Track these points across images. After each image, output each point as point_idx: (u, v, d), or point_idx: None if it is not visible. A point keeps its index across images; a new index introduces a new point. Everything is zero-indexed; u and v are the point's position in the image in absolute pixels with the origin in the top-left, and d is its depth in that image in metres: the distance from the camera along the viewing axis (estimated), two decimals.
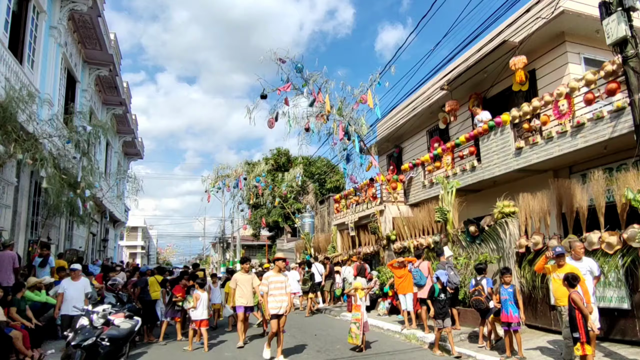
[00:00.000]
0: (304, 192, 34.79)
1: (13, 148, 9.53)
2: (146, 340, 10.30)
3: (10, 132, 9.58)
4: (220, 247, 62.26)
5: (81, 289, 8.78)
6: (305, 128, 12.83)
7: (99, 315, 6.36)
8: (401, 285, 10.54)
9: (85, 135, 11.61)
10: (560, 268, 6.66)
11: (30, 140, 10.26)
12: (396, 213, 15.95)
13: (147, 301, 10.42)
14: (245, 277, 10.20)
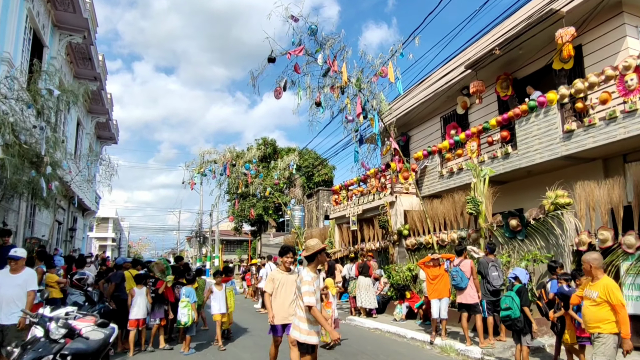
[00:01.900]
0: (290, 184, 33.05)
1: None
2: (120, 349, 8.52)
3: None
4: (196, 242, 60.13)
5: (22, 285, 6.28)
6: (315, 102, 11.08)
7: (59, 323, 4.57)
8: (435, 288, 8.95)
9: (51, 100, 9.65)
10: None
11: None
12: (409, 205, 14.42)
13: (123, 300, 8.57)
14: (288, 278, 6.09)
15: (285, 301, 5.96)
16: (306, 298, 4.79)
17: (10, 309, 6.11)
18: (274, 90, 10.61)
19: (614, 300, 4.65)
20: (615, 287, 4.74)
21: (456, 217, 11.94)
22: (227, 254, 56.45)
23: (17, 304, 6.13)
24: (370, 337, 10.12)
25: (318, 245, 5.05)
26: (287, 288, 5.97)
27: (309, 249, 5.09)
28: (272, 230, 37.10)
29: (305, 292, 4.82)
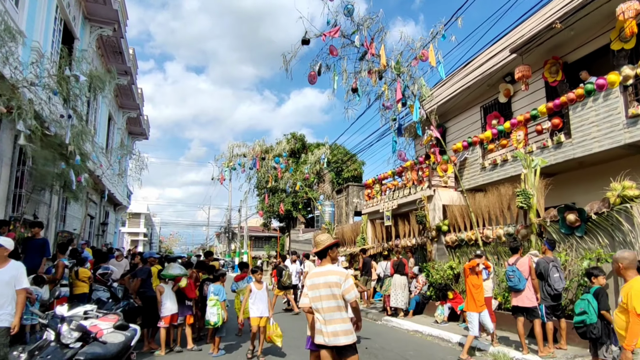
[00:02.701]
0: (320, 180, 32.29)
1: None
2: (146, 348, 7.92)
3: None
4: (225, 237, 60.11)
5: (9, 282, 5.02)
6: (352, 88, 10.28)
7: (72, 325, 3.92)
8: (478, 298, 7.58)
9: (77, 87, 9.14)
10: None
11: (5, 84, 7.82)
12: (448, 199, 13.49)
13: (149, 297, 7.97)
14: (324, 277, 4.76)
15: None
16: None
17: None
18: (308, 74, 9.86)
19: (629, 305, 3.78)
20: (638, 291, 3.82)
21: (502, 212, 10.95)
22: (256, 250, 56.26)
23: (4, 305, 4.90)
24: (411, 341, 9.30)
25: (329, 239, 4.56)
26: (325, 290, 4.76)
27: (319, 244, 4.58)
28: (301, 226, 36.45)
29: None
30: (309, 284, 4.49)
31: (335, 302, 4.27)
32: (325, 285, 4.34)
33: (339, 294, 4.27)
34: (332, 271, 4.40)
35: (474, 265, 7.68)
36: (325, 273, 4.39)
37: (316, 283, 4.42)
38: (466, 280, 7.75)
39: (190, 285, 8.16)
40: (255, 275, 8.00)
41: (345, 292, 4.25)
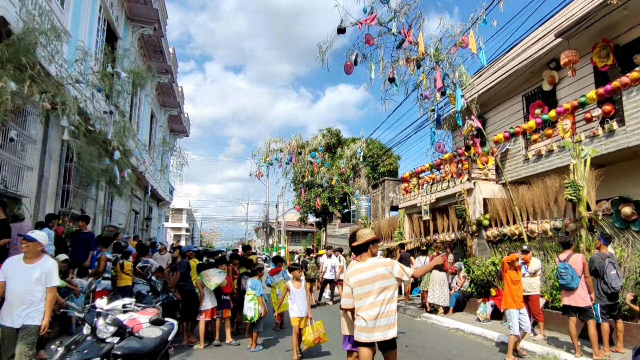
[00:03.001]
0: (355, 175, 31.83)
1: (27, 87, 7.07)
2: (185, 342, 7.79)
3: (24, 67, 7.15)
4: (263, 232, 60.57)
5: (39, 279, 4.76)
6: (389, 78, 9.85)
7: (107, 320, 3.75)
8: (518, 294, 7.02)
9: (119, 83, 9.12)
10: None
11: (50, 81, 7.85)
12: (489, 193, 12.88)
13: (188, 291, 7.85)
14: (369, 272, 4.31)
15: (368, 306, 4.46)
16: None
17: (24, 307, 4.70)
18: (344, 64, 9.51)
19: None
20: None
21: (548, 205, 10.30)
22: (293, 244, 56.42)
23: (34, 302, 4.73)
24: (452, 339, 8.84)
25: (370, 234, 4.39)
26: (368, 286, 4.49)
27: (361, 237, 4.39)
28: (337, 221, 36.15)
29: None
30: (353, 281, 4.21)
31: (383, 295, 4.08)
32: (372, 279, 4.13)
33: (389, 284, 4.10)
34: (376, 264, 4.21)
35: (513, 260, 7.15)
36: (369, 268, 4.20)
37: (361, 279, 4.18)
38: (504, 276, 7.23)
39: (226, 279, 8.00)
40: (294, 273, 7.38)
41: (400, 275, 4.15)
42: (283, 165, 18.49)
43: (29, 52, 7.39)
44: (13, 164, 9.20)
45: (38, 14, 8.16)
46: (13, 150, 9.22)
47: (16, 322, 4.65)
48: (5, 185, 8.76)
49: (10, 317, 4.67)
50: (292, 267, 7.62)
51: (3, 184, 8.70)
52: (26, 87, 7.11)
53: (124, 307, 4.55)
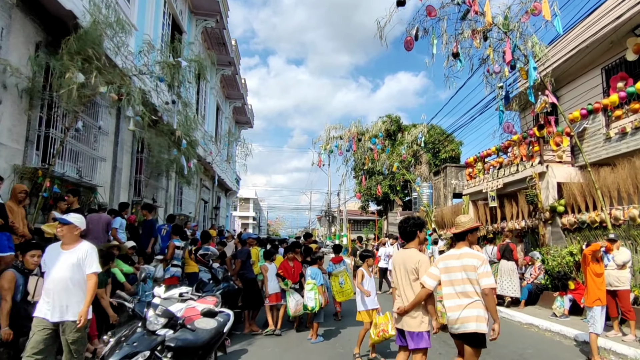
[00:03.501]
0: (416, 162, 30.71)
1: (94, 78, 7.09)
2: (247, 330, 7.55)
3: (91, 59, 7.16)
4: (326, 221, 60.64)
5: (77, 265, 4.23)
6: (452, 53, 9.01)
7: (157, 310, 3.47)
8: (602, 289, 6.17)
9: (180, 71, 9.01)
10: None
11: (116, 72, 7.85)
12: (564, 176, 11.70)
13: (249, 279, 7.61)
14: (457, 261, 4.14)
15: None
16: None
17: (62, 298, 4.12)
18: (404, 40, 8.79)
19: None
20: None
21: (637, 189, 9.11)
22: (354, 232, 55.95)
23: (73, 292, 4.16)
24: (526, 336, 7.98)
25: (470, 222, 4.12)
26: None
27: (460, 225, 4.12)
28: (399, 209, 35.21)
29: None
30: (442, 266, 4.05)
31: (471, 287, 3.87)
32: (461, 268, 3.93)
33: (474, 278, 3.85)
34: (468, 254, 3.98)
35: (596, 250, 6.23)
36: (461, 256, 3.99)
37: (450, 266, 4.02)
38: (586, 269, 6.31)
39: (287, 268, 7.65)
40: (368, 262, 6.52)
41: (481, 277, 3.82)
42: (343, 153, 18.00)
43: (96, 45, 7.40)
44: (87, 155, 9.42)
45: (104, 7, 8.18)
46: (87, 142, 9.44)
47: (53, 315, 4.08)
48: (80, 175, 8.97)
49: (45, 308, 4.10)
50: (364, 254, 6.79)
51: (78, 174, 8.90)
52: (93, 78, 7.11)
53: (181, 295, 4.30)
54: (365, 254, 6.74)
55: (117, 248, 7.07)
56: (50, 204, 7.98)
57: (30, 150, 7.58)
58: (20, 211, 6.57)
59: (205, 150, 18.08)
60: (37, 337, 3.98)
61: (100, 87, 7.37)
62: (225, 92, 23.76)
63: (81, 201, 8.90)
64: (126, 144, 11.91)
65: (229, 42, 18.48)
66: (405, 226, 4.31)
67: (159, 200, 14.26)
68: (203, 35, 17.21)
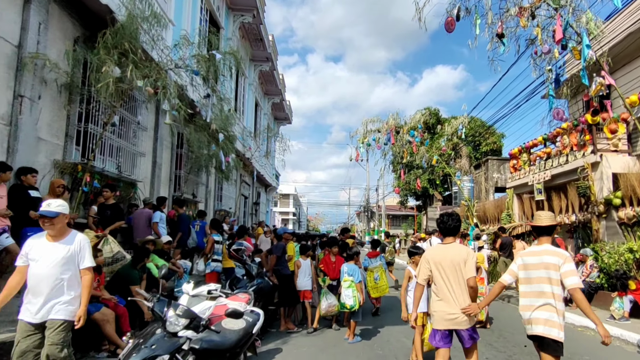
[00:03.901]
0: (456, 155, 29.55)
1: (130, 72, 6.94)
2: (283, 327, 7.18)
3: (127, 53, 7.02)
4: (364, 216, 59.93)
5: (68, 259, 3.70)
6: (497, 34, 8.28)
7: (178, 310, 3.13)
8: None
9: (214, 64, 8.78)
10: None
11: (152, 66, 7.68)
12: (621, 167, 10.73)
13: (285, 275, 7.24)
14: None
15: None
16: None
17: (48, 297, 3.60)
18: (445, 21, 8.17)
19: None
20: None
21: None
22: (393, 228, 55.11)
23: (61, 289, 3.63)
24: (582, 340, 7.21)
25: (552, 220, 3.83)
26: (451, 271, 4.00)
27: (539, 219, 3.87)
28: (438, 204, 34.15)
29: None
30: (520, 262, 3.83)
31: (549, 287, 3.57)
32: (541, 266, 3.64)
33: (555, 278, 3.55)
34: (549, 251, 3.66)
35: None
36: (542, 253, 3.68)
37: (529, 263, 3.75)
38: None
39: (328, 263, 7.24)
40: (415, 259, 5.66)
41: (565, 276, 3.50)
42: (381, 146, 17.40)
43: (132, 39, 7.26)
44: (127, 151, 9.36)
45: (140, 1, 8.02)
46: (127, 137, 9.38)
47: (38, 315, 3.56)
48: (120, 171, 8.90)
49: (29, 309, 3.58)
50: (412, 250, 5.88)
51: (117, 169, 8.85)
52: (129, 72, 6.96)
53: (209, 292, 3.98)
54: (414, 250, 5.85)
55: (153, 243, 6.90)
56: (91, 198, 7.96)
57: (70, 145, 7.54)
58: None
59: (244, 146, 17.98)
60: (23, 346, 3.52)
61: (137, 81, 7.22)
62: (264, 88, 23.65)
63: (120, 196, 8.87)
64: (166, 139, 11.87)
65: (266, 37, 18.26)
66: (448, 221, 4.08)
67: (198, 196, 14.22)
68: (241, 31, 17.05)
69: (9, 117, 6.23)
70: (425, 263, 4.10)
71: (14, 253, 5.13)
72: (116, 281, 5.63)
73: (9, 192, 5.91)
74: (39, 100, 6.68)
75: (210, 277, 7.61)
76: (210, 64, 8.68)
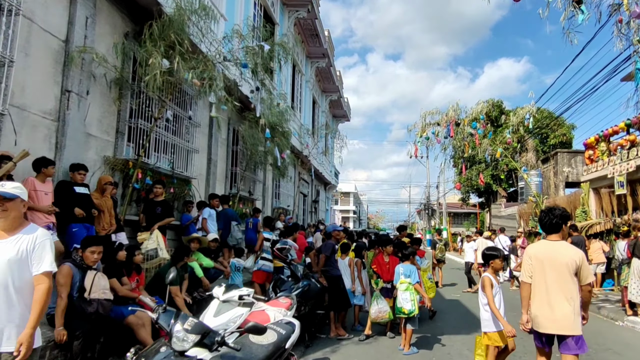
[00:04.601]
0: (521, 148, 27.18)
1: (177, 64, 6.54)
2: (333, 334, 6.38)
3: (174, 45, 6.63)
4: (425, 214, 57.82)
5: (19, 262, 2.62)
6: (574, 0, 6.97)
7: (187, 324, 2.47)
8: None
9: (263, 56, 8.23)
10: None
11: (199, 58, 7.26)
12: None
13: (334, 277, 6.44)
14: None
15: None
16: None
17: (3, 314, 2.59)
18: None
19: None
20: None
21: None
22: (455, 226, 52.67)
23: (17, 304, 2.62)
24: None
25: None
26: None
27: None
28: (503, 200, 31.82)
29: None
30: None
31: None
32: None
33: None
34: None
35: None
36: None
37: None
38: None
39: (381, 263, 6.40)
40: (495, 263, 4.39)
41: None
42: (441, 140, 16.12)
43: (180, 31, 6.87)
44: (181, 147, 9.08)
45: None
46: (179, 134, 9.10)
47: None
48: (172, 167, 8.60)
49: None
50: (489, 253, 4.52)
51: (170, 166, 8.56)
52: (175, 64, 6.55)
53: (240, 298, 3.36)
54: (491, 252, 4.51)
55: (198, 241, 6.45)
56: (142, 195, 7.71)
57: (120, 142, 7.31)
58: (107, 202, 6.24)
59: (302, 144, 17.51)
60: None
61: (183, 73, 6.81)
62: (321, 85, 23.08)
63: (174, 193, 8.58)
64: (221, 136, 11.58)
65: (321, 32, 17.63)
66: (551, 217, 3.73)
67: (255, 193, 13.88)
68: (296, 28, 16.54)
69: (57, 113, 6.03)
70: (528, 259, 3.76)
71: (59, 251, 4.85)
72: (156, 282, 5.19)
73: (56, 189, 5.70)
74: (88, 95, 6.45)
75: (257, 275, 7.03)
76: (260, 56, 8.15)
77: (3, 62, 4.99)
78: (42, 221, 5.25)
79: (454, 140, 16.60)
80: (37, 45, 5.65)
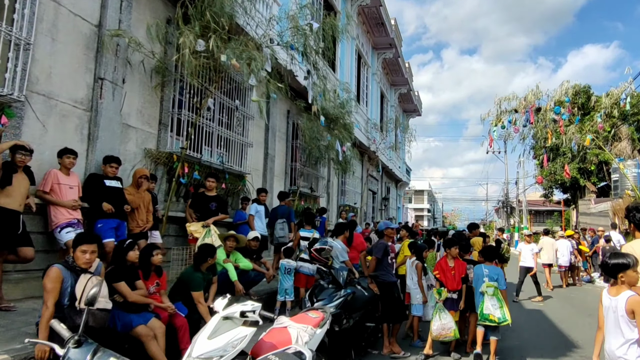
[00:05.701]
0: (614, 137, 23.28)
1: (213, 43, 5.68)
2: (387, 350, 4.92)
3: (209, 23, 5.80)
4: (503, 212, 53.50)
5: None
6: None
7: None
8: None
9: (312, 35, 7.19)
10: None
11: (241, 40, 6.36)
12: None
13: (386, 283, 4.99)
14: None
15: None
16: None
17: None
18: None
19: None
20: None
21: None
22: (536, 225, 48.00)
23: None
24: None
25: None
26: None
27: None
28: (592, 196, 27.75)
29: None
30: None
31: None
32: None
33: None
34: None
35: None
36: None
37: None
38: None
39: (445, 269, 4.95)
40: (628, 276, 2.68)
41: None
42: (520, 129, 13.94)
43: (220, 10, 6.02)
44: (234, 141, 8.35)
45: None
46: (230, 127, 8.36)
47: None
48: (222, 162, 7.85)
49: None
50: (617, 262, 2.76)
51: (220, 160, 7.83)
52: (211, 44, 5.70)
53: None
54: (619, 261, 2.75)
55: (234, 239, 5.53)
56: (191, 191, 7.03)
57: (164, 133, 6.68)
58: (143, 197, 5.56)
59: (369, 139, 16.33)
60: None
61: (221, 56, 5.94)
62: (390, 79, 21.64)
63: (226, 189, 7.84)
64: (280, 130, 10.80)
65: (387, 21, 16.25)
66: None
67: (319, 190, 12.94)
68: (360, 17, 15.34)
69: (89, 102, 5.46)
70: None
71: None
72: (180, 286, 4.34)
73: (85, 182, 5.11)
74: (124, 84, 5.84)
75: (297, 278, 5.84)
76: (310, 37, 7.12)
77: (18, 45, 4.43)
78: (65, 217, 4.67)
79: (534, 128, 14.21)
80: (65, 29, 5.09)
